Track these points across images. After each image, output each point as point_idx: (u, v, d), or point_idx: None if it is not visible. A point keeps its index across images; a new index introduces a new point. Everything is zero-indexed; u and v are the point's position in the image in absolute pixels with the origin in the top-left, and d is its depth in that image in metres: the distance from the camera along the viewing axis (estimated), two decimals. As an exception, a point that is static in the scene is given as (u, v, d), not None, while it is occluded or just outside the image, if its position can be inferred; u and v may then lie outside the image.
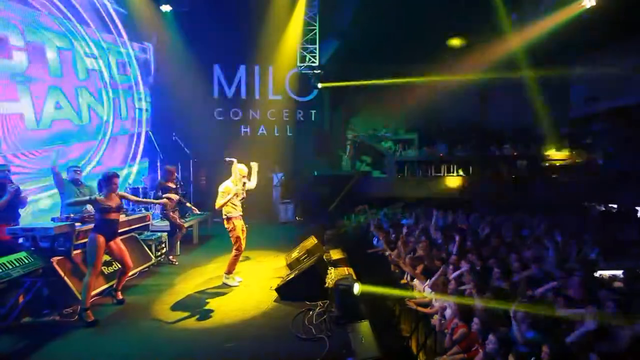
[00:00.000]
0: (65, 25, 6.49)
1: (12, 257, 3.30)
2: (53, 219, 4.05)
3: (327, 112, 11.33)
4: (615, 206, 7.77)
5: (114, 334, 3.50)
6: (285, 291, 4.35)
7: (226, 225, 4.80)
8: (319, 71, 9.91)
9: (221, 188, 4.77)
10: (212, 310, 4.04)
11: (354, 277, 4.46)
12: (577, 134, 9.84)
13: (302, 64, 9.85)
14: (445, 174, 10.03)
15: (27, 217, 5.00)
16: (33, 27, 5.74)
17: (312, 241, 5.55)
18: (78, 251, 4.08)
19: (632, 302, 2.81)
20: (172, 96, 9.64)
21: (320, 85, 10.37)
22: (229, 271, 4.87)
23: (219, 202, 4.71)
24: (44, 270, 3.56)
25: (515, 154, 9.64)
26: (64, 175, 4.70)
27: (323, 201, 9.27)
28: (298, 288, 4.29)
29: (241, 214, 4.89)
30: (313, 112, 11.20)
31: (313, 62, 9.79)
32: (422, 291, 3.98)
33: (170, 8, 8.92)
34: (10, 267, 3.19)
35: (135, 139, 8.69)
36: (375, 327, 3.50)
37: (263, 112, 11.01)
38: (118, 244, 4.03)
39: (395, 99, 10.45)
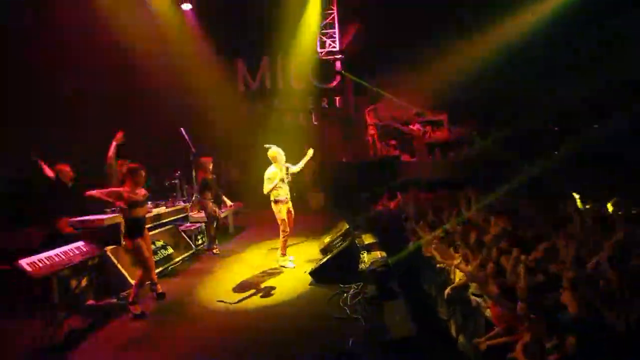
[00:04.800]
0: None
1: (72, 245, 3.65)
2: (105, 211, 4.41)
3: (352, 97, 11.19)
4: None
5: (163, 315, 3.82)
6: (319, 274, 4.45)
7: (273, 208, 5.00)
8: (339, 56, 9.77)
9: (267, 174, 4.93)
10: (249, 294, 4.24)
11: (389, 261, 4.47)
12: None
13: (322, 50, 9.75)
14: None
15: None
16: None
17: (343, 226, 5.60)
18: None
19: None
20: (199, 94, 9.93)
21: (343, 72, 10.23)
22: (282, 253, 5.10)
23: (266, 187, 4.89)
24: (100, 257, 3.90)
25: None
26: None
27: (352, 187, 9.26)
28: (332, 271, 4.37)
29: (287, 196, 5.00)
30: (337, 98, 11.11)
31: (333, 47, 9.67)
32: (462, 275, 3.88)
33: (190, 6, 9.17)
34: (72, 254, 3.54)
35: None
36: (411, 308, 3.50)
37: (287, 102, 11.08)
38: (147, 240, 3.97)
39: (423, 79, 10.06)
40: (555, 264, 3.05)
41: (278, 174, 4.90)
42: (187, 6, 9.19)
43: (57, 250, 3.47)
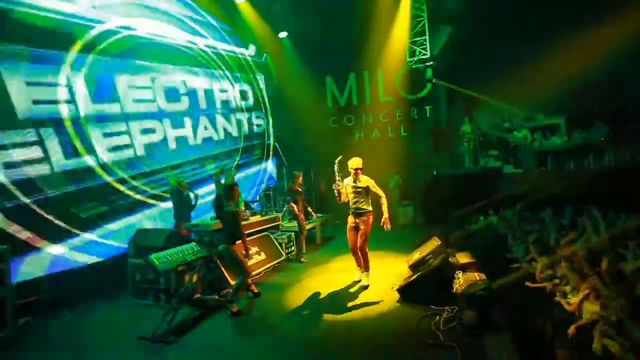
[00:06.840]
0: (210, 74, 8.58)
1: (186, 246, 4.24)
2: (211, 218, 5.03)
3: (444, 106, 10.49)
4: None
5: (253, 315, 4.14)
6: (407, 292, 4.17)
7: None
8: (431, 63, 9.31)
9: None
10: (334, 305, 4.23)
11: (490, 285, 3.93)
12: None
13: (412, 59, 9.46)
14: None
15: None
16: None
17: (435, 242, 5.19)
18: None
19: None
20: (293, 111, 10.69)
21: (434, 80, 9.69)
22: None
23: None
24: (206, 258, 4.42)
25: None
26: (222, 180, 5.82)
27: (444, 201, 8.57)
28: (422, 290, 4.05)
29: (351, 210, 4.88)
30: (428, 108, 10.57)
31: (424, 54, 9.29)
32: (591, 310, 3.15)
33: (286, 34, 10.10)
34: (186, 253, 4.10)
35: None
36: (521, 347, 2.98)
37: (375, 115, 11.03)
38: (240, 246, 4.38)
39: (528, 80, 8.77)
40: None
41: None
42: (283, 34, 10.25)
43: (176, 249, 4.07)
